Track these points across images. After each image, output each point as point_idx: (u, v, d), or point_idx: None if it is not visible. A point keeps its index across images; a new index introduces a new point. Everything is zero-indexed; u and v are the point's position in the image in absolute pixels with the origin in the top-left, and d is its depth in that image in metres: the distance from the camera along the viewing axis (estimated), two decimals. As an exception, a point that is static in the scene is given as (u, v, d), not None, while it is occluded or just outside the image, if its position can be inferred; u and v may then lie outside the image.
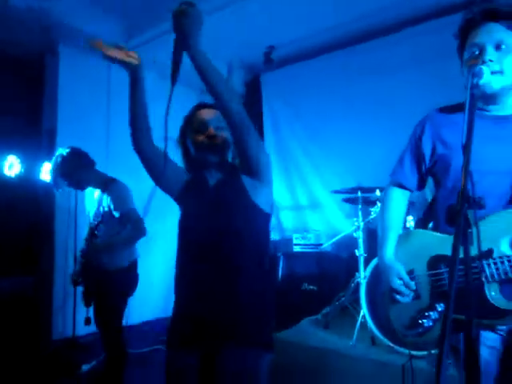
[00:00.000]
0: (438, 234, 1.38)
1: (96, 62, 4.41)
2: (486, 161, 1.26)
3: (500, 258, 1.21)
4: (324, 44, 4.61)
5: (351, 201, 3.55)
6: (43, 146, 4.23)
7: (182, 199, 1.56)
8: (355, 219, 3.41)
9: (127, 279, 2.69)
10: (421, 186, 1.54)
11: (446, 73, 2.32)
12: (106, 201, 2.60)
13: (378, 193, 3.33)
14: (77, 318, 3.69)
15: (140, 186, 2.95)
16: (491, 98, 1.29)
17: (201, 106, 1.57)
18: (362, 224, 3.34)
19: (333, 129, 4.58)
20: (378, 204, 3.37)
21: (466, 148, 1.04)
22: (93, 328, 3.43)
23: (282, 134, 5.19)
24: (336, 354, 2.79)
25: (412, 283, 1.37)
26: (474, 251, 1.16)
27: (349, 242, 3.92)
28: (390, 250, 1.46)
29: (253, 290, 1.41)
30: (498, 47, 1.24)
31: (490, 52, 1.24)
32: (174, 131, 1.54)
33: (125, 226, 2.58)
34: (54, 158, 2.65)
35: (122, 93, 4.77)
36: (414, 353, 2.48)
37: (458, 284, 0.93)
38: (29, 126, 4.33)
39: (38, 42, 4.20)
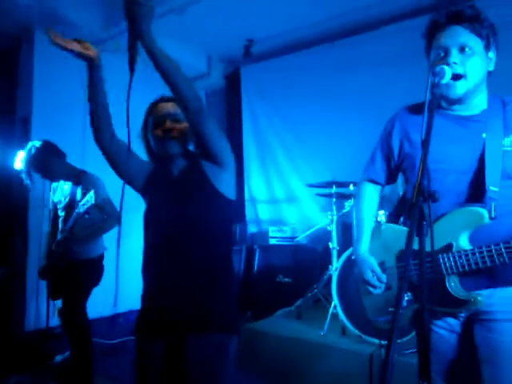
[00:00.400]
0: (406, 228, 1.43)
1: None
2: (447, 160, 1.32)
3: (458, 252, 1.26)
4: (303, 39, 4.64)
5: (325, 195, 3.61)
6: (17, 135, 4.16)
7: (146, 192, 1.57)
8: (329, 212, 3.48)
9: (98, 269, 2.77)
10: (390, 180, 1.60)
11: (422, 70, 2.38)
12: (80, 193, 2.61)
13: (351, 187, 3.40)
14: (50, 309, 3.66)
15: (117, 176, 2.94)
16: (456, 101, 1.33)
17: (160, 99, 1.57)
18: (335, 217, 3.41)
19: (310, 123, 4.63)
20: (352, 198, 3.44)
21: (424, 144, 1.09)
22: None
23: (261, 127, 5.22)
24: (307, 343, 2.86)
25: (383, 276, 1.42)
26: (437, 245, 1.24)
27: (323, 235, 4.00)
28: (364, 244, 1.52)
29: (216, 278, 1.44)
30: (461, 50, 1.28)
31: (455, 55, 1.28)
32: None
33: (99, 216, 2.59)
34: (26, 151, 2.69)
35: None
36: (382, 342, 2.59)
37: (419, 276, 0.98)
38: (2, 114, 4.24)
39: (13, 27, 4.10)
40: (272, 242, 4.48)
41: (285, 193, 5.00)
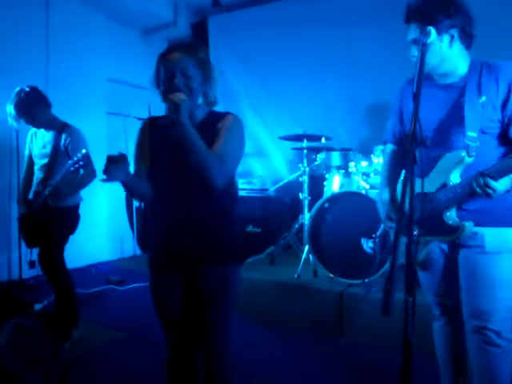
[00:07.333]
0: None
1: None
2: (434, 120, 1.57)
3: (452, 187, 1.51)
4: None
5: (298, 147, 3.71)
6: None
7: (152, 150, 1.61)
8: (300, 165, 3.62)
9: (75, 217, 2.83)
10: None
11: (390, 30, 2.45)
12: (64, 142, 2.66)
13: (323, 140, 3.54)
14: (23, 260, 3.66)
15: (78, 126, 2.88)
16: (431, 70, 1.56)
17: (167, 50, 1.54)
18: (307, 169, 3.56)
19: (280, 77, 4.64)
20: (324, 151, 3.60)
21: (416, 96, 1.25)
22: (37, 271, 3.42)
23: (228, 80, 5.17)
24: (282, 284, 3.09)
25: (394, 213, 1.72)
26: (435, 185, 1.53)
27: (291, 187, 4.17)
28: (385, 193, 1.80)
29: (219, 219, 1.56)
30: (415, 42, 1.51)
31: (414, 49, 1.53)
32: (120, 73, 1.53)
33: (81, 167, 2.61)
34: (15, 95, 2.64)
35: (62, 25, 4.48)
36: (351, 281, 2.87)
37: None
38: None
39: None
40: (241, 193, 4.60)
41: (253, 146, 5.07)
